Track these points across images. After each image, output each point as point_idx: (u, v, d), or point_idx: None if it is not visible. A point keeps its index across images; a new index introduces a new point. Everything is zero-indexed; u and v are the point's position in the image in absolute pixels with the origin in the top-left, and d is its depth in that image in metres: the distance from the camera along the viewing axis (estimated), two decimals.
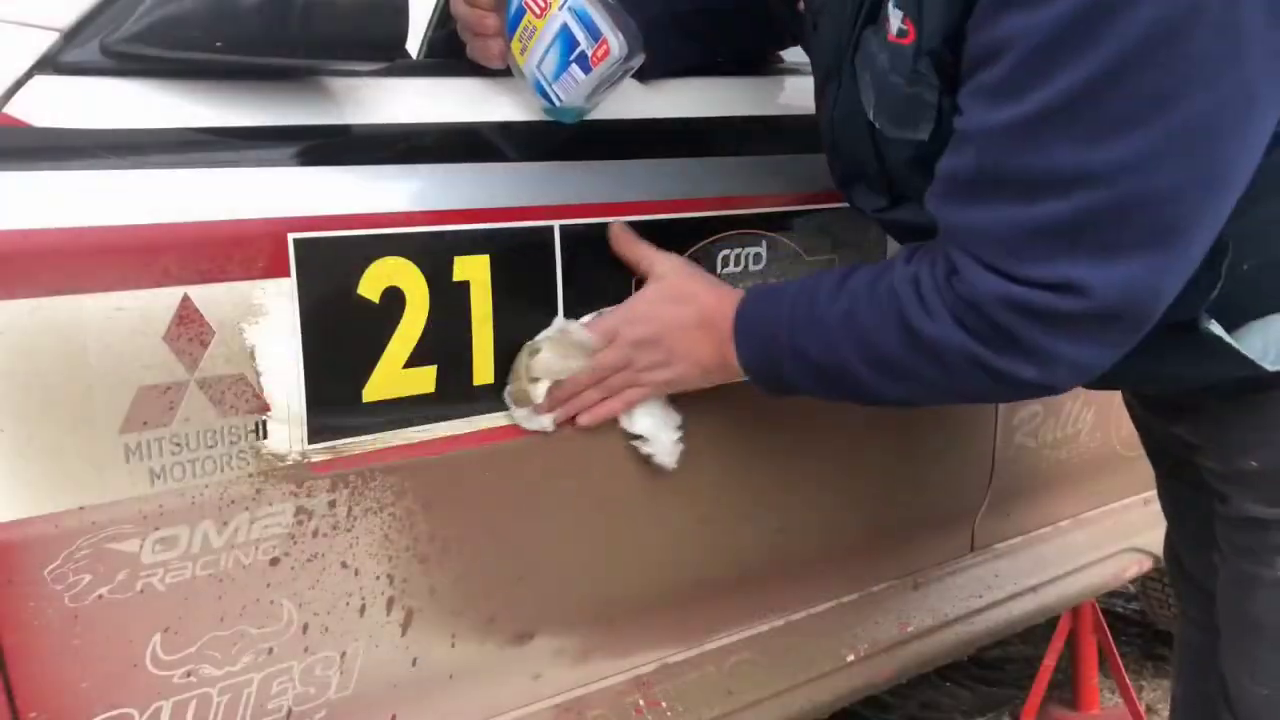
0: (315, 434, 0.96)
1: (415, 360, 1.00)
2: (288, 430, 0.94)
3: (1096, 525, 1.86)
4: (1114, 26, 0.77)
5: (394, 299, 0.98)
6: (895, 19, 0.93)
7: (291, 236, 0.92)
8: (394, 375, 0.99)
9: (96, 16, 0.89)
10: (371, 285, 0.97)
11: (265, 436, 0.94)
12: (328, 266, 0.94)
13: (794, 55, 1.38)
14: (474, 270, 1.03)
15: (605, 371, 1.08)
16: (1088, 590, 1.83)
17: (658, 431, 1.14)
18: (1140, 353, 0.97)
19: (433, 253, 1.00)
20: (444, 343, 1.01)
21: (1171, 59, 0.78)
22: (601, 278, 1.12)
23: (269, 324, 0.92)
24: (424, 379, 1.01)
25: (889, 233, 1.23)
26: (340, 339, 0.96)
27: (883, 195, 1.07)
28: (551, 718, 1.21)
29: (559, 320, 1.07)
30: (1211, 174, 0.83)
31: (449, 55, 1.17)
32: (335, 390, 0.96)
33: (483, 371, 1.05)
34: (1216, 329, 0.94)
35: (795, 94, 1.31)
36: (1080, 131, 0.81)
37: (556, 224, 1.07)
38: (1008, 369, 0.90)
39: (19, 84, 0.86)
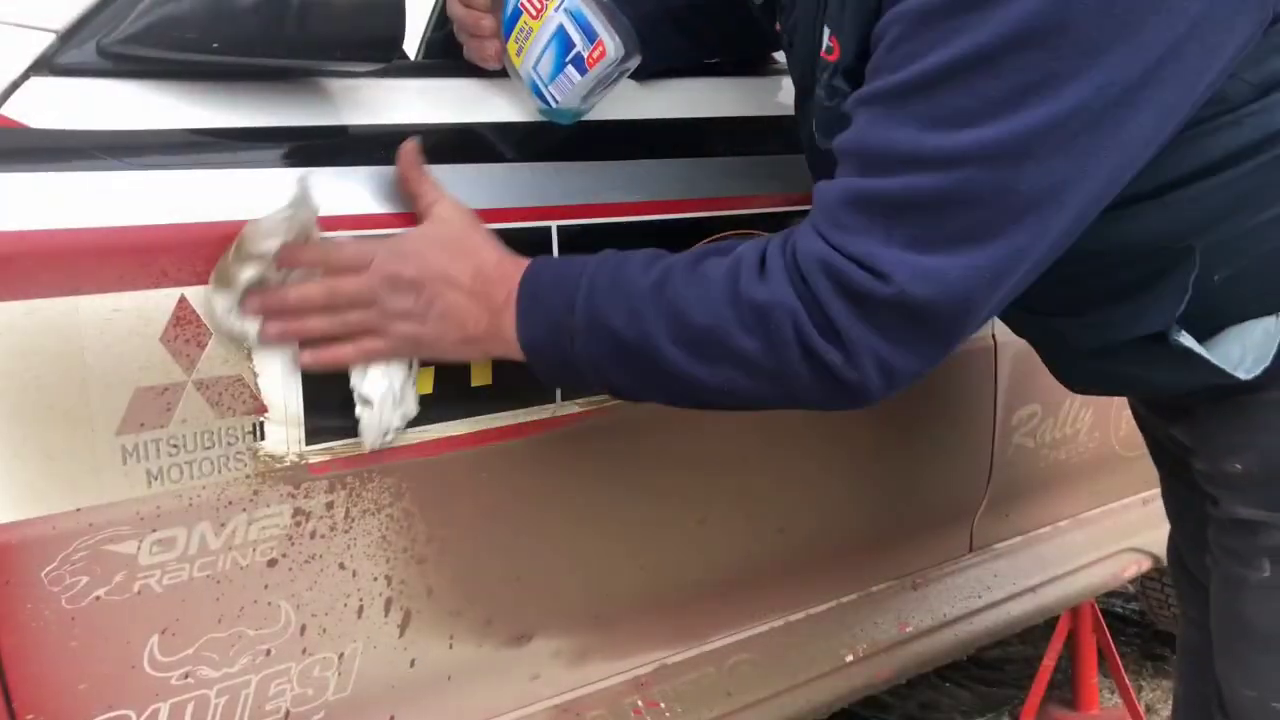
0: (313, 435, 0.96)
1: None
2: (285, 432, 0.94)
3: (1095, 525, 1.86)
4: (975, 19, 0.77)
5: None
6: (824, 37, 0.94)
7: None
8: None
9: (93, 18, 0.89)
10: None
11: (263, 438, 0.94)
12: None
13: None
14: None
15: (343, 301, 0.91)
16: (1087, 590, 1.82)
17: (383, 404, 0.95)
18: (1121, 361, 0.97)
19: None
20: None
21: (1026, 63, 0.77)
22: None
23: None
24: (422, 380, 1.01)
25: None
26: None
27: None
28: (550, 719, 1.20)
29: (300, 194, 0.88)
30: (1041, 189, 0.81)
31: (447, 56, 1.17)
32: (332, 391, 0.96)
33: (480, 372, 1.05)
34: (1187, 340, 0.94)
35: (791, 94, 1.31)
36: (923, 115, 0.80)
37: (554, 224, 1.07)
38: (820, 349, 0.85)
39: (15, 85, 0.86)
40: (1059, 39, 0.77)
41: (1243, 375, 0.94)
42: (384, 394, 0.94)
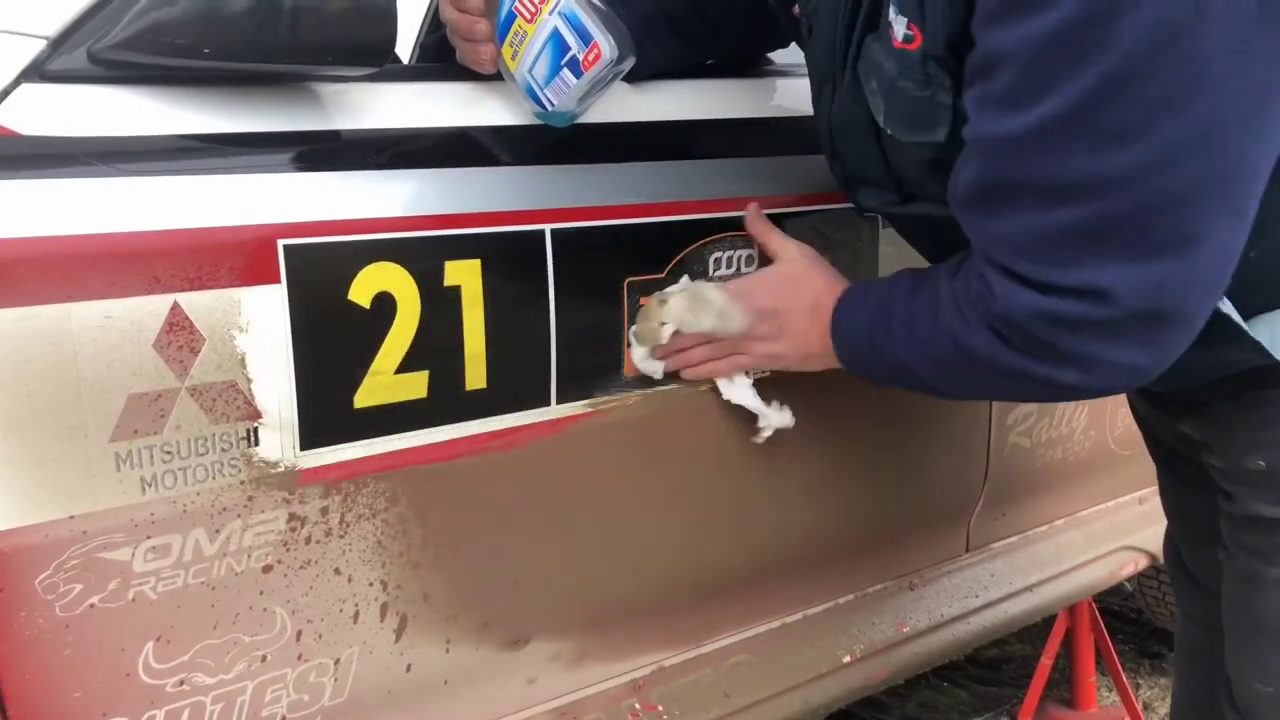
0: (307, 441, 0.96)
1: (407, 366, 1.00)
2: (279, 437, 0.94)
3: (1092, 524, 1.86)
4: (1114, 31, 0.77)
5: (385, 304, 0.98)
6: (899, 25, 0.93)
7: (281, 243, 0.92)
8: (386, 381, 0.99)
9: (84, 23, 0.89)
10: (362, 291, 0.96)
11: (257, 444, 0.93)
12: (318, 272, 0.94)
13: (784, 56, 1.38)
14: (465, 275, 1.02)
15: (720, 334, 1.14)
16: (1084, 589, 1.83)
17: (760, 403, 1.21)
18: None
19: (424, 257, 1.00)
20: (436, 348, 1.01)
21: (1177, 60, 0.78)
22: (594, 280, 1.11)
23: (259, 330, 0.92)
24: (416, 385, 1.01)
25: (899, 229, 1.23)
26: (331, 345, 0.96)
27: (892, 193, 1.08)
28: None
29: (686, 279, 1.16)
30: (1228, 172, 0.82)
31: (440, 60, 1.17)
32: (327, 397, 0.96)
33: (475, 377, 1.04)
34: (1228, 308, 0.94)
35: (786, 96, 1.31)
36: (1090, 138, 0.81)
37: (548, 228, 1.07)
38: (1049, 375, 0.91)
39: (6, 92, 0.86)
40: (1197, 24, 0.77)
41: (1279, 356, 0.95)
42: (753, 399, 1.21)
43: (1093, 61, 0.78)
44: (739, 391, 1.20)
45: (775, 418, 1.23)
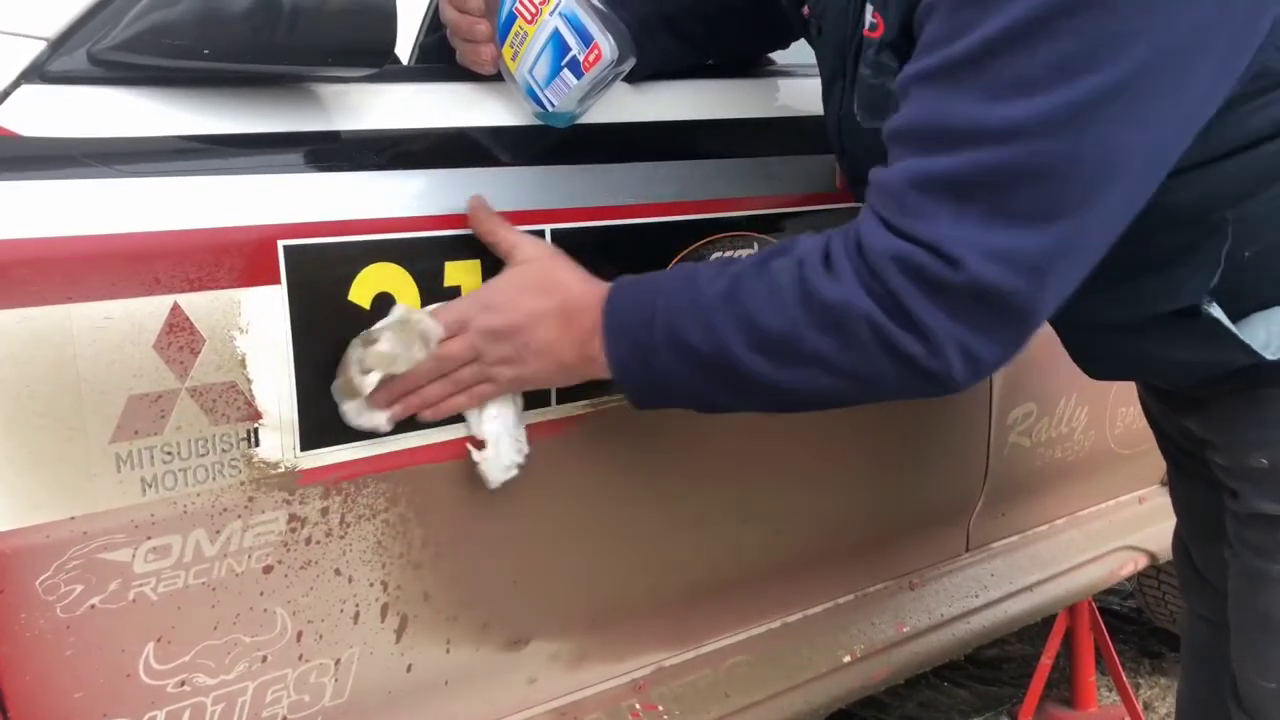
0: (307, 441, 0.96)
1: None
2: (280, 438, 0.94)
3: (1092, 523, 1.86)
4: None
5: (385, 305, 0.98)
6: (868, 14, 0.94)
7: (281, 243, 0.92)
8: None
9: (84, 25, 0.89)
10: (362, 291, 0.96)
11: (257, 444, 0.93)
12: (318, 273, 0.94)
13: (784, 56, 1.38)
14: (465, 275, 1.02)
15: (452, 364, 0.98)
16: (1084, 589, 1.83)
17: (499, 442, 1.03)
18: (1149, 338, 0.97)
19: (424, 258, 1.00)
20: None
21: (1082, 27, 0.77)
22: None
23: (260, 331, 0.92)
24: None
25: None
26: (332, 345, 0.96)
27: None
28: None
29: (400, 308, 0.97)
30: (1109, 157, 0.80)
31: (440, 61, 1.17)
32: (327, 397, 0.96)
33: None
34: (1217, 312, 0.94)
35: (786, 96, 1.32)
36: (980, 87, 0.80)
37: (548, 228, 1.07)
38: (900, 342, 0.85)
39: (6, 93, 0.85)
40: (1118, 3, 0.76)
41: (1270, 356, 0.94)
42: (498, 433, 1.03)
43: (1000, 12, 0.78)
44: (488, 426, 1.02)
45: (493, 469, 1.03)
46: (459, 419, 1.03)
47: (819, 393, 0.91)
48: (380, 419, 0.97)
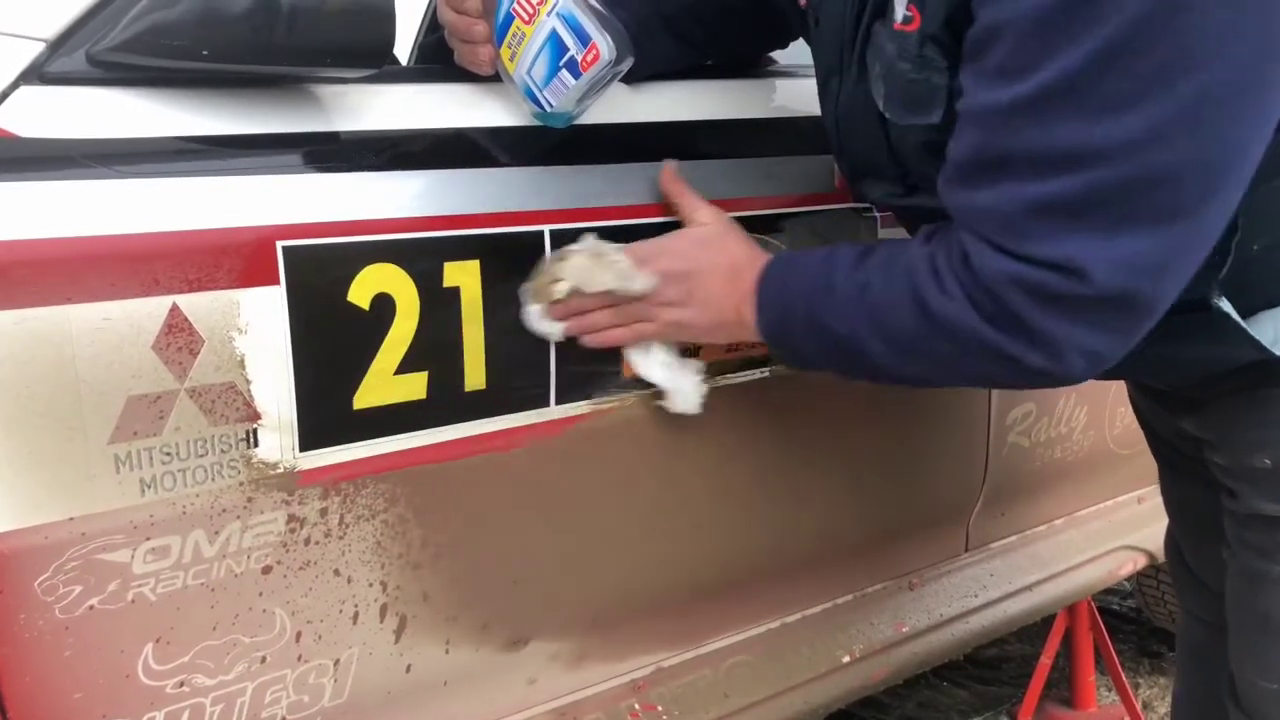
0: (306, 442, 0.96)
1: (406, 367, 1.00)
2: (279, 438, 0.94)
3: (1091, 523, 1.86)
4: (1111, 3, 0.77)
5: (384, 305, 0.98)
6: (900, 6, 0.93)
7: (280, 244, 0.92)
8: (385, 382, 0.99)
9: (82, 26, 0.89)
10: (361, 292, 0.96)
11: (256, 445, 0.93)
12: (317, 274, 0.94)
13: (784, 57, 1.38)
14: (464, 276, 1.02)
15: (624, 297, 1.07)
16: (1083, 588, 1.83)
17: (675, 378, 1.13)
18: (1151, 337, 0.97)
19: (423, 258, 1.00)
20: (435, 349, 1.01)
21: (1175, 33, 0.78)
22: None
23: (259, 332, 0.92)
24: (415, 385, 1.01)
25: (902, 222, 1.23)
26: (330, 346, 0.96)
27: (896, 184, 1.08)
28: None
29: (591, 238, 1.07)
30: (1219, 154, 0.82)
31: (438, 62, 1.17)
32: (326, 398, 0.96)
33: (474, 377, 1.04)
34: (1226, 306, 0.94)
35: (785, 96, 1.32)
36: (1082, 109, 0.80)
37: (547, 228, 1.07)
38: (1016, 354, 0.89)
39: (5, 94, 0.86)
40: (1203, 1, 0.77)
41: (1278, 353, 0.95)
42: (674, 378, 1.13)
43: (1090, 32, 0.78)
44: (649, 366, 1.12)
45: (682, 401, 1.14)
46: (465, 419, 1.03)
47: (936, 381, 1.03)
48: (555, 329, 1.06)
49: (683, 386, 1.13)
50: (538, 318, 1.06)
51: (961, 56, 0.88)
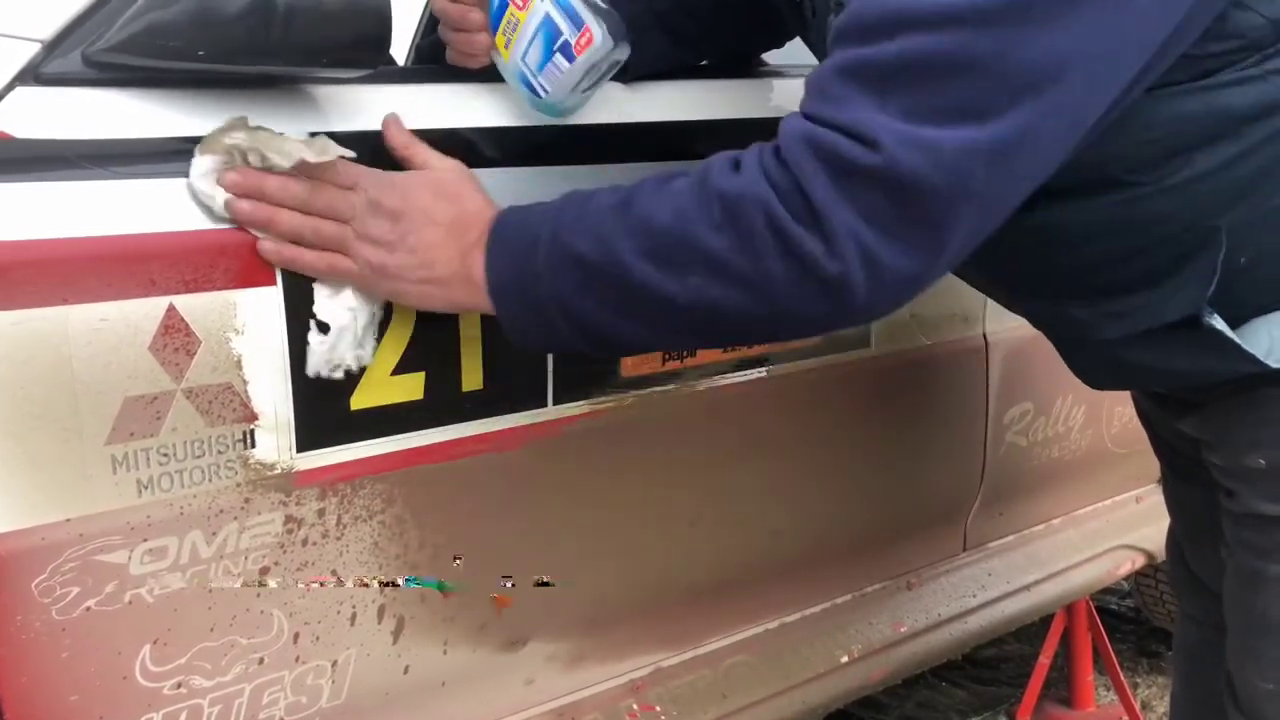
0: (304, 442, 0.96)
1: (403, 367, 1.00)
2: (276, 439, 0.94)
3: (1089, 523, 1.86)
4: None
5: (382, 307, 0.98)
6: None
7: None
8: (382, 382, 0.99)
9: (78, 26, 0.89)
10: None
11: (253, 446, 0.93)
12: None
13: (778, 57, 1.38)
14: None
15: (320, 206, 0.90)
16: (1082, 588, 1.83)
17: (341, 335, 0.94)
18: (1147, 350, 0.96)
19: None
20: (432, 349, 1.01)
21: None
22: None
23: (256, 333, 0.92)
24: (412, 386, 1.01)
25: None
26: None
27: None
28: None
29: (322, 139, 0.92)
30: (1041, 62, 0.77)
31: (435, 62, 1.17)
32: (323, 398, 0.96)
33: (471, 377, 1.04)
34: (1218, 323, 0.93)
35: (780, 96, 1.32)
36: None
37: None
38: (795, 236, 0.79)
39: (1, 95, 0.85)
40: None
41: (1273, 364, 0.93)
42: (345, 325, 0.94)
43: None
44: (336, 311, 0.93)
45: (316, 358, 0.94)
46: (463, 419, 1.03)
47: (711, 308, 0.84)
48: (218, 197, 0.89)
49: (338, 347, 0.94)
50: (202, 174, 0.88)
51: None
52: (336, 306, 0.93)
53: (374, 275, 0.92)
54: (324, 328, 0.94)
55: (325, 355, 0.94)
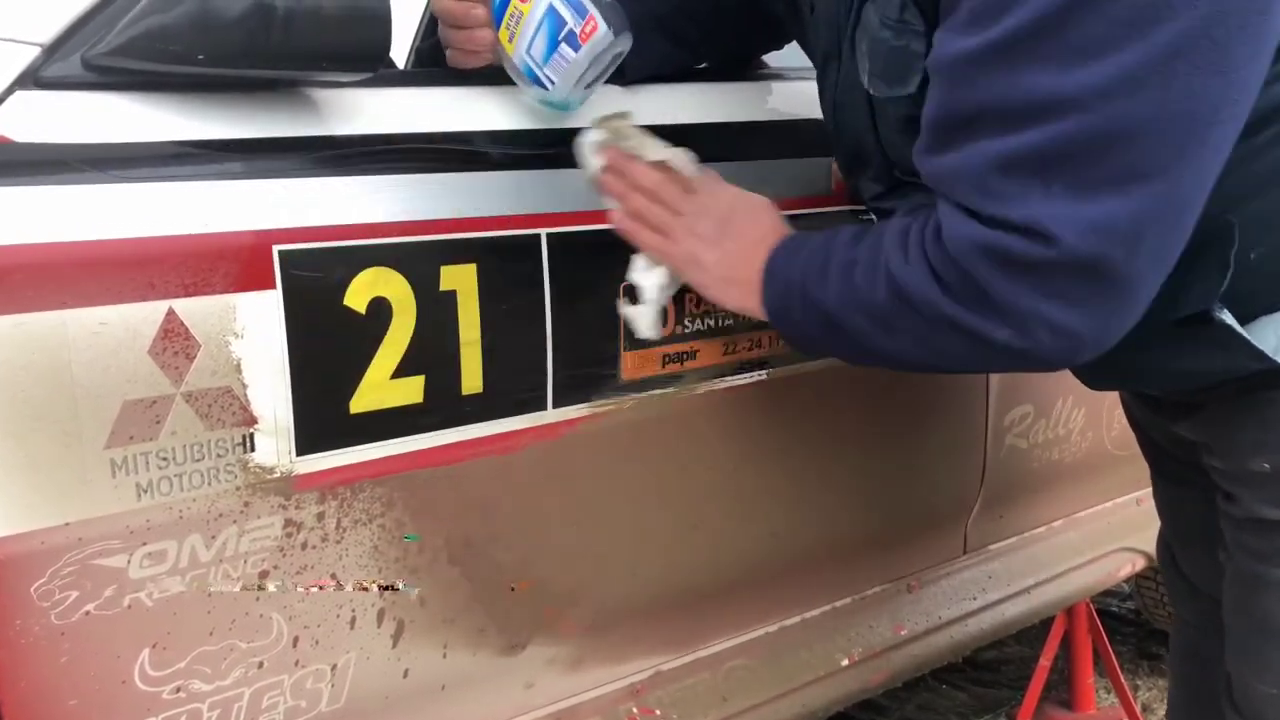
0: (303, 446, 0.96)
1: (403, 371, 1.00)
2: (275, 443, 0.94)
3: (1089, 525, 1.86)
4: None
5: (381, 309, 0.98)
6: None
7: (276, 248, 0.92)
8: (381, 386, 0.99)
9: (78, 30, 0.89)
10: (358, 296, 0.96)
11: (253, 449, 0.93)
12: (313, 278, 0.94)
13: (778, 59, 1.38)
14: (461, 279, 1.02)
15: (665, 197, 1.07)
16: (1082, 590, 1.83)
17: (654, 296, 1.11)
18: (1152, 348, 0.96)
19: (419, 262, 1.00)
20: (431, 353, 1.01)
21: None
22: (589, 285, 1.11)
23: (255, 336, 0.92)
24: (412, 389, 1.01)
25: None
26: (327, 350, 0.96)
27: (881, 183, 1.07)
28: None
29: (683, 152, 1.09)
30: (1193, 109, 0.79)
31: (435, 66, 1.17)
32: (323, 402, 0.96)
33: (471, 381, 1.04)
34: (1228, 318, 0.93)
35: (780, 99, 1.32)
36: (1052, 56, 0.78)
37: (543, 232, 1.07)
38: (980, 328, 0.87)
39: (0, 99, 0.85)
40: None
41: None
42: (656, 299, 1.11)
43: None
44: (647, 279, 1.10)
45: (645, 321, 1.11)
46: (462, 423, 1.03)
47: (915, 359, 0.97)
48: (595, 165, 1.08)
49: (650, 315, 1.11)
50: (590, 145, 1.07)
51: (938, 21, 0.86)
52: (651, 279, 1.10)
53: (690, 263, 1.08)
54: (631, 295, 1.12)
55: (647, 319, 1.12)
